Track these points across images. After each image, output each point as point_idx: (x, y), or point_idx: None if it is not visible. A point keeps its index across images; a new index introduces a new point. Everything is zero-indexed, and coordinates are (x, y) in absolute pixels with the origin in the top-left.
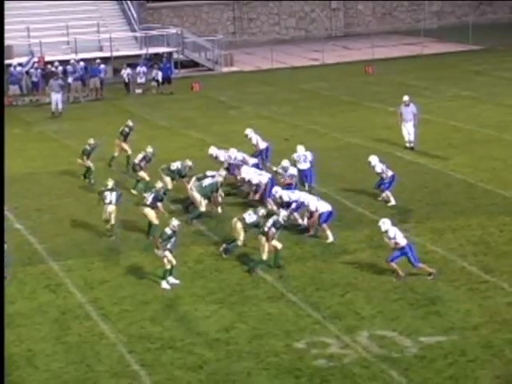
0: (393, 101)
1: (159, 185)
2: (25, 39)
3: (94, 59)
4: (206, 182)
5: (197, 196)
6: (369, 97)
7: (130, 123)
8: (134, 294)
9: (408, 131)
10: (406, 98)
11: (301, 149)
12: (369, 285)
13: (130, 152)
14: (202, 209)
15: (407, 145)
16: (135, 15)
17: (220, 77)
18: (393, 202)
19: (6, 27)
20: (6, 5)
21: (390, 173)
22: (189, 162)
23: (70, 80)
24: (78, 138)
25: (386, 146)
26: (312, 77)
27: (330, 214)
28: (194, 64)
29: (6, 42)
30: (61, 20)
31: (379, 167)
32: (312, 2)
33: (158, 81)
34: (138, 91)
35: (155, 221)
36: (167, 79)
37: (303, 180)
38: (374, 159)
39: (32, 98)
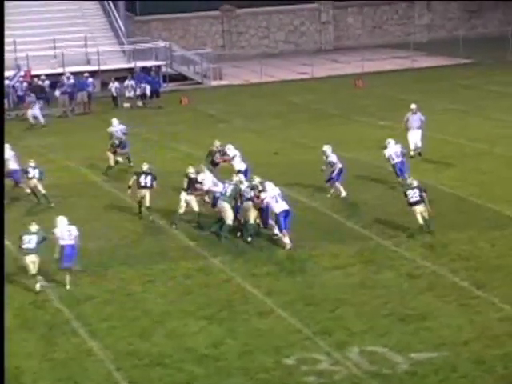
0: (383, 114)
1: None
2: (11, 53)
3: (82, 73)
4: (229, 189)
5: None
6: (358, 110)
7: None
8: (122, 310)
9: (414, 139)
10: (413, 105)
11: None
12: (359, 300)
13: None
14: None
15: (412, 153)
16: (123, 28)
17: (209, 90)
18: (344, 193)
19: None
20: None
21: (339, 165)
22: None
23: (57, 93)
24: (65, 152)
25: (376, 159)
26: (301, 90)
27: (287, 213)
28: (182, 77)
29: None
30: (48, 33)
31: (334, 157)
32: (302, 15)
33: (145, 94)
34: (126, 105)
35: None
36: (156, 93)
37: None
38: (328, 148)
39: (18, 113)
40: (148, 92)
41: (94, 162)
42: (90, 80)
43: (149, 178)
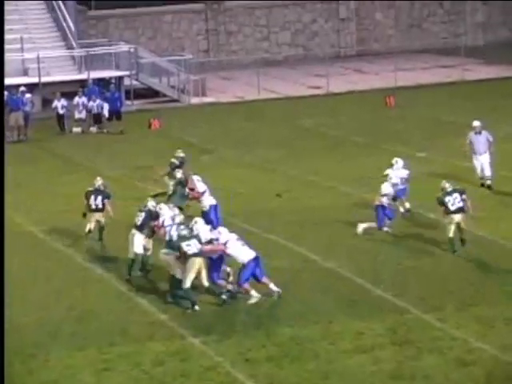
0: (422, 143)
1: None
2: None
3: (17, 87)
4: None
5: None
6: (389, 137)
7: (181, 154)
8: None
9: (481, 165)
10: (476, 123)
11: None
12: None
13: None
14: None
15: (482, 182)
16: (72, 27)
17: (188, 110)
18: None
19: None
20: None
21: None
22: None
23: None
24: None
25: (413, 203)
26: (313, 110)
27: (257, 261)
28: (152, 93)
29: None
30: None
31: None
32: (313, 9)
33: (101, 115)
34: (76, 130)
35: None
36: (116, 113)
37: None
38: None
39: None
40: (106, 112)
41: (30, 207)
42: (28, 96)
43: (99, 198)
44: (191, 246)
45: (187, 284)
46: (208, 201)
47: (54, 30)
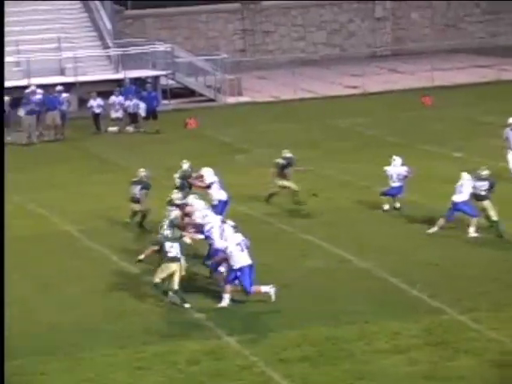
0: (458, 143)
1: None
2: None
3: (54, 86)
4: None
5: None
6: (426, 137)
7: (288, 154)
8: None
9: None
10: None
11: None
12: None
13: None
14: None
15: None
16: (109, 26)
17: (223, 110)
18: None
19: None
20: None
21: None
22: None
23: (20, 113)
24: (28, 193)
25: (449, 203)
26: (348, 110)
27: (251, 269)
28: (188, 92)
29: None
30: (8, 33)
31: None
32: (349, 10)
33: (137, 115)
34: (112, 129)
35: None
36: (152, 113)
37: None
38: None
39: None
40: (142, 112)
41: (66, 207)
42: (64, 96)
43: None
44: (173, 249)
45: (175, 286)
46: (217, 195)
47: (91, 30)
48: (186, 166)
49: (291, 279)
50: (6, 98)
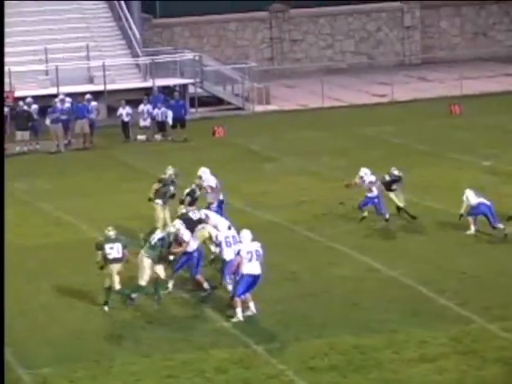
0: (487, 152)
1: None
2: None
3: (82, 94)
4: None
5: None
6: (455, 146)
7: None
8: None
9: None
10: None
11: None
12: None
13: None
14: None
15: None
16: (138, 35)
17: (252, 118)
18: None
19: None
20: None
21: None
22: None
23: (47, 122)
24: (56, 200)
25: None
26: (377, 118)
27: (256, 280)
28: (216, 101)
29: None
30: (37, 41)
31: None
32: (378, 18)
33: (166, 123)
34: (141, 137)
35: None
36: (180, 121)
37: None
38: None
39: None
40: (170, 120)
41: (94, 214)
42: (93, 104)
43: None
44: (113, 250)
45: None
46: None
47: (120, 38)
48: (170, 171)
49: (319, 288)
50: (35, 106)
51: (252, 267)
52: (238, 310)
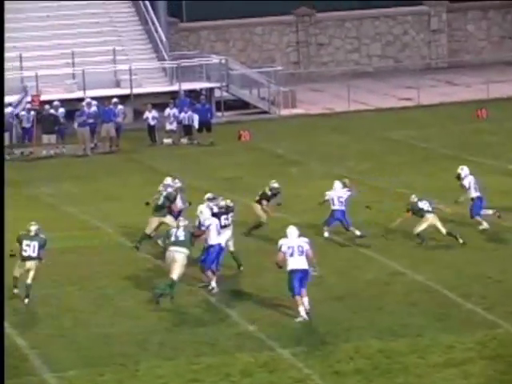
0: None
1: None
2: (16, 71)
3: (109, 98)
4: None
5: None
6: (480, 150)
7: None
8: None
9: None
10: None
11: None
12: None
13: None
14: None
15: None
16: (164, 39)
17: (277, 122)
18: (485, 225)
19: None
20: None
21: (474, 194)
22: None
23: (75, 125)
24: (82, 204)
25: (506, 217)
26: (402, 122)
27: (304, 275)
28: (242, 105)
29: None
30: (64, 45)
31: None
32: (404, 21)
33: (192, 127)
34: (167, 141)
35: None
36: (206, 125)
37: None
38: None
39: (23, 151)
40: (196, 124)
41: (120, 218)
42: (119, 108)
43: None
44: (29, 248)
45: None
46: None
47: (146, 42)
48: (168, 181)
49: (344, 291)
50: (62, 110)
51: (295, 262)
52: (301, 309)
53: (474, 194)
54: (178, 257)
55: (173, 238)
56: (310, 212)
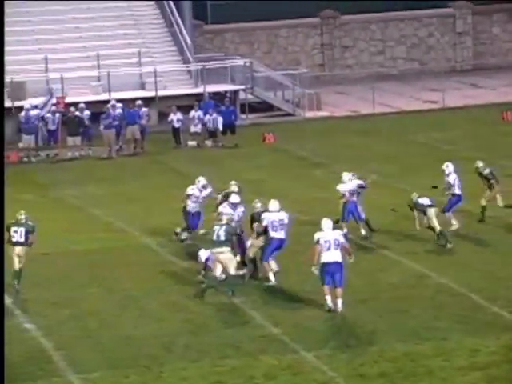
0: None
1: None
2: (42, 73)
3: (134, 100)
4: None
5: None
6: (506, 153)
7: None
8: None
9: None
10: None
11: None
12: None
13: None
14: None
15: None
16: (189, 41)
17: (302, 124)
18: (456, 225)
19: (19, 57)
20: (17, 27)
21: (458, 191)
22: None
23: (101, 128)
24: (108, 206)
25: None
26: (427, 125)
27: (338, 268)
28: (267, 107)
29: (18, 77)
30: (89, 48)
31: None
32: (429, 24)
33: (216, 129)
34: (192, 143)
35: None
36: (230, 127)
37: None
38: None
39: (49, 153)
40: (220, 126)
41: (145, 220)
42: (144, 110)
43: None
44: (16, 234)
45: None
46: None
47: (171, 45)
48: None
49: (369, 294)
50: (87, 112)
51: (330, 255)
52: (327, 298)
53: (457, 191)
54: (224, 256)
55: (214, 237)
56: (334, 214)
